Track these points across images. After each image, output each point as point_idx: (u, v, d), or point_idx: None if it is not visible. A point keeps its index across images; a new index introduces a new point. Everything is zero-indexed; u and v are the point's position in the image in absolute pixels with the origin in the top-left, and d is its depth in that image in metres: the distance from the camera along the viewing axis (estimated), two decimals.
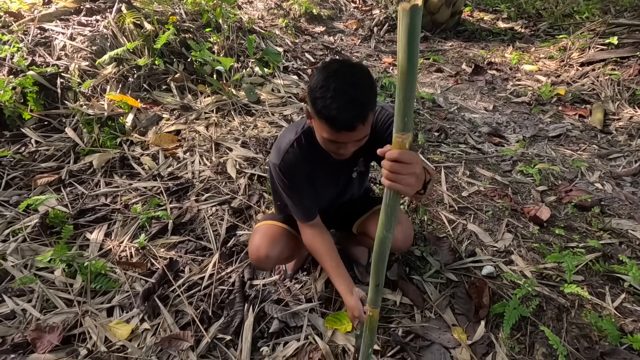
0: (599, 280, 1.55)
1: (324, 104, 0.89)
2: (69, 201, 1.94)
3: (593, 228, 1.81)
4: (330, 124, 0.91)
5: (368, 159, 1.30)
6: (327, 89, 0.88)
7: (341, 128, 0.91)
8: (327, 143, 1.00)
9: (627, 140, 2.63)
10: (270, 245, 1.30)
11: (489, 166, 2.30)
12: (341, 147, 0.99)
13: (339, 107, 0.87)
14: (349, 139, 0.95)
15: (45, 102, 2.43)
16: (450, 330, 1.37)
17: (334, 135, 0.94)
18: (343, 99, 0.87)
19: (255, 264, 1.38)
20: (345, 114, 0.88)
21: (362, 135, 0.96)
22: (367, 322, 0.92)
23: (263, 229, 1.37)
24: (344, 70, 0.91)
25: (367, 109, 0.91)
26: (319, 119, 0.93)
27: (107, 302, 1.49)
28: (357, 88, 0.89)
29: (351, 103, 0.88)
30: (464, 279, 1.56)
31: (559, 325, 1.37)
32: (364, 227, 1.39)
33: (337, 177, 1.30)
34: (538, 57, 4.12)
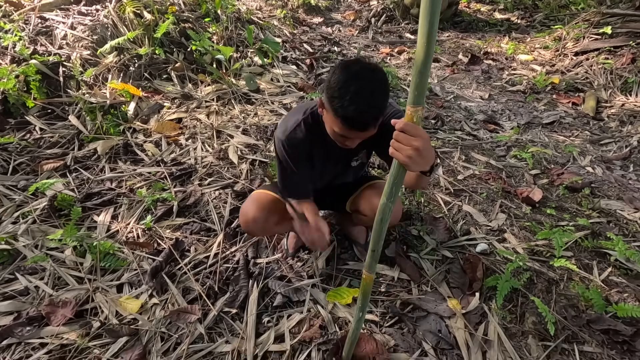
0: (588, 256, 1.62)
1: (342, 105, 0.94)
2: (75, 186, 1.99)
3: (583, 208, 1.88)
4: (343, 123, 0.98)
5: (371, 150, 1.37)
6: (346, 90, 0.93)
7: (353, 128, 0.99)
8: (335, 135, 1.07)
9: (618, 127, 2.70)
10: (257, 209, 1.37)
11: (484, 151, 2.36)
12: (348, 140, 1.07)
13: (355, 110, 0.93)
14: (358, 137, 1.04)
15: (48, 90, 2.46)
16: (445, 301, 1.44)
17: (344, 132, 1.01)
18: (361, 103, 0.93)
19: (244, 227, 1.44)
20: (360, 117, 0.95)
21: (371, 133, 1.04)
22: (361, 286, 0.98)
23: (254, 195, 1.45)
24: (364, 74, 0.95)
25: (381, 113, 0.98)
26: (334, 116, 0.99)
27: (117, 280, 1.55)
28: (375, 94, 0.95)
29: (368, 107, 0.94)
30: (459, 256, 1.63)
31: (548, 296, 1.45)
32: (356, 204, 1.46)
33: (336, 163, 1.37)
34: (533, 47, 4.17)
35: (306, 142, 1.22)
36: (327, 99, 1.00)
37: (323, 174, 1.40)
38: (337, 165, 1.38)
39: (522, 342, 1.31)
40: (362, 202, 1.43)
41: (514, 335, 1.33)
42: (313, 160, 1.30)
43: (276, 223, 1.44)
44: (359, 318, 1.05)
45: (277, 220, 1.43)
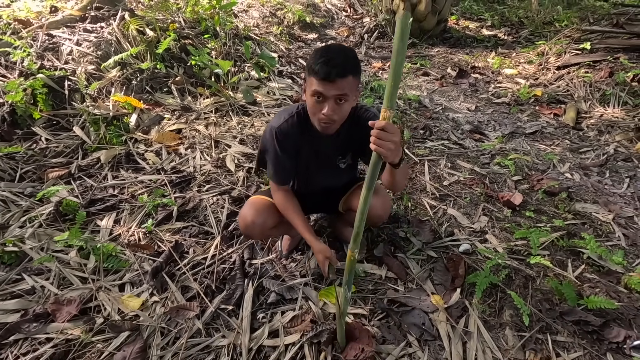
0: (563, 254, 1.73)
1: (314, 59, 1.12)
2: (80, 192, 2.08)
3: (560, 211, 1.99)
4: (315, 75, 1.11)
5: (356, 153, 1.49)
6: (319, 51, 1.15)
7: (322, 76, 1.10)
8: (313, 103, 1.18)
9: (596, 136, 2.85)
10: (256, 214, 1.47)
11: (469, 159, 2.49)
12: (323, 106, 1.15)
13: (323, 62, 1.10)
14: (328, 90, 1.12)
15: (54, 102, 2.58)
16: (429, 297, 1.54)
17: (316, 86, 1.12)
18: (327, 56, 1.10)
19: (243, 231, 1.54)
20: (326, 65, 1.09)
21: (340, 91, 1.13)
22: (347, 264, 1.09)
23: (252, 200, 1.54)
24: (335, 44, 1.21)
25: (347, 69, 1.11)
26: (309, 75, 1.15)
27: (119, 280, 1.63)
28: (340, 52, 1.14)
29: (333, 60, 1.10)
30: (443, 256, 1.73)
31: (525, 292, 1.55)
32: (349, 202, 1.57)
33: (324, 163, 1.47)
34: (518, 61, 4.37)
35: (297, 134, 1.34)
36: (306, 70, 1.18)
37: (312, 174, 1.51)
38: (325, 165, 1.48)
39: (499, 333, 1.41)
40: (355, 200, 1.53)
41: (493, 327, 1.43)
42: (302, 156, 1.42)
43: (273, 226, 1.54)
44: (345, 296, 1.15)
45: (274, 223, 1.53)
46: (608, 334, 1.35)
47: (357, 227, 0.99)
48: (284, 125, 1.33)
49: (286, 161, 1.38)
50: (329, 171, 1.52)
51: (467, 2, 6.92)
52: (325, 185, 1.60)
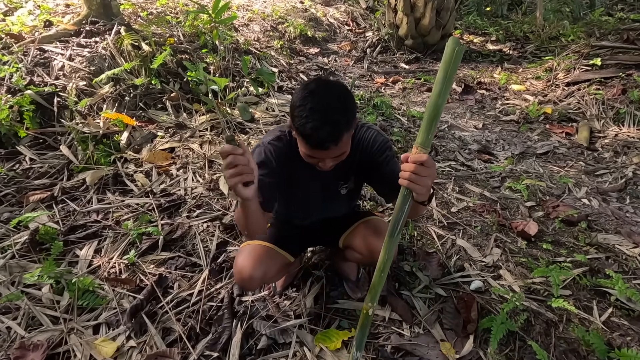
0: (587, 294, 1.56)
1: (300, 123, 0.95)
2: (60, 218, 1.94)
3: (580, 243, 1.83)
4: (305, 141, 0.98)
5: (361, 178, 1.33)
6: (303, 108, 0.94)
7: (314, 147, 0.98)
8: (306, 157, 1.06)
9: (612, 157, 2.69)
10: (254, 266, 1.26)
11: (478, 182, 2.34)
12: (319, 161, 1.05)
13: (313, 127, 0.93)
14: (324, 156, 1.02)
15: (42, 120, 2.47)
16: (438, 345, 1.37)
17: (309, 151, 1.01)
18: (316, 119, 0.93)
19: (240, 285, 1.37)
20: (318, 133, 0.94)
21: (338, 153, 1.02)
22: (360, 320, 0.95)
23: (248, 248, 1.33)
24: (320, 91, 0.96)
25: (341, 130, 0.95)
26: (297, 135, 1.02)
27: (94, 320, 1.47)
28: (331, 110, 0.94)
29: (323, 124, 0.93)
30: (453, 294, 1.57)
31: (547, 340, 1.37)
32: (349, 240, 1.41)
33: (323, 188, 1.31)
34: (525, 77, 4.25)
35: (288, 154, 1.17)
36: (290, 119, 1.01)
37: (312, 202, 1.35)
38: (324, 190, 1.31)
39: None
40: (357, 240, 1.37)
41: None
42: (298, 179, 1.25)
43: (273, 276, 1.38)
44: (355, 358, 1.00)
45: (276, 272, 1.37)
46: None
47: (377, 279, 0.86)
48: (276, 143, 1.18)
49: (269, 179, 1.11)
50: (330, 198, 1.36)
51: (471, 16, 6.86)
52: (325, 213, 1.44)
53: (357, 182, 1.36)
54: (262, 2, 5.85)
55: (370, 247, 1.32)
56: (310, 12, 5.93)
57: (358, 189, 1.43)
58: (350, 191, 1.36)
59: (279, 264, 1.37)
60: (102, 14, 3.22)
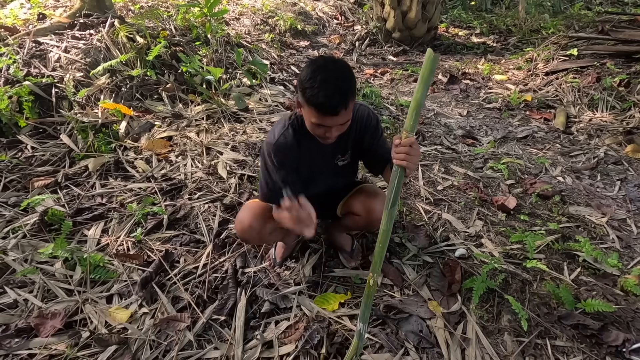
0: (558, 257, 1.72)
1: (312, 93, 1.06)
2: (66, 202, 2.02)
3: (554, 214, 1.99)
4: (317, 109, 1.09)
5: (356, 152, 1.44)
6: (314, 80, 1.06)
7: (326, 113, 1.08)
8: (314, 127, 1.17)
9: (586, 140, 2.88)
10: (253, 217, 1.41)
11: (462, 164, 2.49)
12: (327, 130, 1.15)
13: (325, 95, 1.05)
14: (333, 123, 1.12)
15: (41, 110, 2.52)
16: (426, 304, 1.51)
17: (320, 119, 1.11)
18: (328, 88, 1.05)
19: (240, 235, 1.49)
20: (330, 100, 1.06)
21: (345, 119, 1.13)
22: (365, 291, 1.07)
23: (249, 204, 1.49)
24: (328, 64, 1.10)
25: (348, 97, 1.09)
26: (308, 106, 1.11)
27: (106, 291, 1.57)
28: (340, 79, 1.08)
29: (335, 92, 1.06)
30: (439, 261, 1.71)
31: (522, 296, 1.53)
32: (347, 205, 1.54)
33: (324, 162, 1.42)
34: (508, 67, 4.43)
35: (294, 145, 1.29)
36: (300, 93, 1.12)
37: (312, 175, 1.44)
38: (324, 163, 1.42)
39: (498, 339, 1.38)
40: (355, 203, 1.51)
41: (491, 333, 1.40)
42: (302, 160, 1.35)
43: (271, 231, 1.48)
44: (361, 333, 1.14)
45: (272, 228, 1.47)
46: (607, 338, 1.34)
47: (379, 250, 1.00)
48: (281, 140, 1.28)
49: (291, 169, 1.31)
50: (329, 171, 1.47)
51: (456, 10, 7.04)
52: (325, 187, 1.54)
53: (353, 157, 1.47)
54: None
55: (367, 207, 1.46)
56: (300, 6, 6.01)
57: (354, 163, 1.53)
58: (347, 165, 1.47)
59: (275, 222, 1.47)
60: (95, 7, 3.27)
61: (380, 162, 1.39)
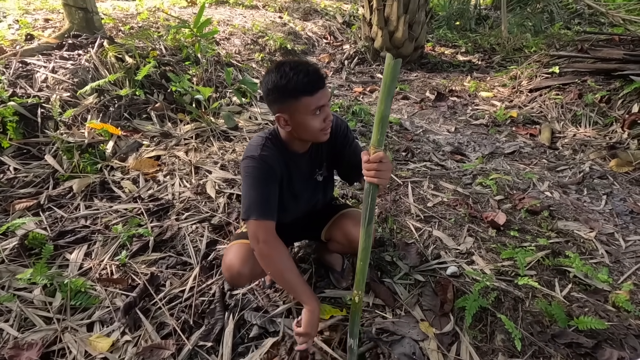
0: (549, 273, 1.71)
1: (296, 80, 1.07)
2: (48, 224, 1.96)
3: (543, 229, 2.00)
4: (307, 91, 1.08)
5: (331, 163, 1.43)
6: (285, 73, 1.08)
7: (316, 87, 1.09)
8: (313, 119, 1.14)
9: (571, 155, 2.94)
10: (241, 263, 1.32)
11: (451, 180, 2.51)
12: (325, 115, 1.16)
13: (305, 74, 1.08)
14: (324, 97, 1.13)
15: (25, 131, 2.48)
16: (418, 324, 1.48)
17: (315, 100, 1.10)
18: (302, 68, 1.08)
19: (229, 282, 1.44)
20: (312, 75, 1.08)
21: (329, 95, 1.16)
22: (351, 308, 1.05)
23: (235, 247, 1.38)
24: (283, 60, 1.16)
25: (321, 73, 1.12)
26: (296, 97, 1.10)
27: (87, 318, 1.51)
28: (302, 61, 1.14)
29: (309, 67, 1.10)
30: (431, 279, 1.69)
31: (515, 314, 1.51)
32: (330, 232, 1.52)
33: (303, 180, 1.39)
34: (493, 85, 4.54)
35: (275, 160, 1.25)
36: (280, 97, 1.12)
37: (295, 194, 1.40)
38: (305, 180, 1.40)
39: (492, 359, 1.35)
40: (336, 231, 1.48)
41: (485, 354, 1.37)
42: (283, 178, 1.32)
43: (261, 273, 1.40)
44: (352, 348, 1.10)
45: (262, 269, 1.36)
46: (601, 357, 1.32)
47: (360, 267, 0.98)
48: (266, 152, 1.23)
49: (271, 189, 1.24)
50: (310, 187, 1.44)
51: (441, 30, 7.25)
52: (307, 205, 1.50)
53: (329, 168, 1.46)
54: (242, 17, 6.01)
55: (348, 237, 1.43)
56: (289, 27, 6.13)
57: (330, 175, 1.50)
58: (325, 179, 1.46)
59: None
60: (85, 28, 3.28)
61: (354, 170, 1.33)
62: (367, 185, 0.95)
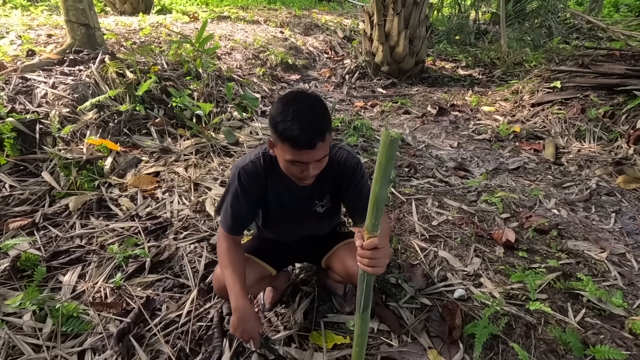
0: (561, 297, 1.65)
1: (286, 127, 1.00)
2: (42, 244, 1.91)
3: (552, 249, 1.94)
4: (292, 143, 1.01)
5: (335, 196, 1.34)
6: (287, 113, 1.00)
7: (303, 146, 1.01)
8: (290, 167, 1.08)
9: (577, 171, 2.89)
10: None
11: (455, 197, 2.45)
12: (304, 168, 1.07)
13: (300, 127, 0.99)
14: (310, 158, 1.04)
15: (23, 147, 2.45)
16: (426, 353, 1.41)
17: (296, 155, 1.03)
18: (303, 119, 0.99)
19: (219, 294, 1.38)
20: (305, 132, 0.99)
21: (322, 154, 1.06)
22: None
23: None
24: (300, 97, 1.05)
25: (325, 128, 1.03)
26: (282, 142, 1.03)
27: (79, 346, 1.44)
28: (314, 110, 1.03)
29: (310, 123, 1.00)
30: (438, 303, 1.62)
31: (527, 342, 1.44)
32: (330, 262, 1.45)
33: (299, 207, 1.32)
34: (494, 99, 4.53)
35: (262, 177, 1.23)
36: (272, 129, 1.05)
37: (290, 221, 1.35)
38: (302, 210, 1.33)
39: None
40: (336, 263, 1.41)
41: None
42: (269, 200, 1.28)
43: (252, 284, 1.37)
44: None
45: (254, 281, 1.38)
46: None
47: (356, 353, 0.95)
48: (250, 166, 1.22)
49: (244, 207, 1.24)
50: (308, 217, 1.36)
51: (441, 44, 7.31)
52: (305, 232, 1.45)
53: (333, 200, 1.37)
54: (243, 32, 6.06)
55: (348, 271, 1.36)
56: (290, 42, 6.17)
57: (336, 207, 1.42)
58: (327, 210, 1.37)
59: (258, 274, 1.38)
60: (87, 44, 3.28)
61: (354, 213, 1.30)
62: (361, 271, 0.84)
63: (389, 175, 0.68)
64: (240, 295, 1.17)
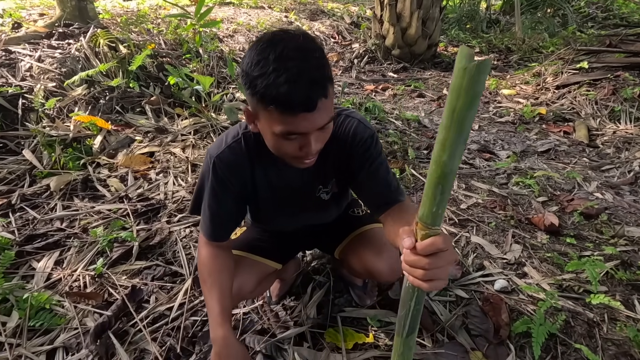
0: (624, 290, 1.38)
1: (268, 82, 0.65)
2: (17, 227, 1.67)
3: (604, 236, 1.67)
4: (281, 106, 0.67)
5: (342, 178, 1.01)
6: (266, 62, 0.65)
7: (297, 107, 0.67)
8: (281, 143, 0.75)
9: (615, 153, 2.61)
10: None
11: (483, 179, 2.19)
12: (302, 142, 0.74)
13: (288, 80, 0.64)
14: (309, 125, 0.70)
15: (4, 123, 2.22)
16: (468, 355, 1.15)
17: (289, 123, 0.69)
18: (291, 67, 0.64)
19: None
20: (298, 86, 0.65)
21: (325, 118, 0.72)
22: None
23: None
24: (280, 36, 0.68)
25: (325, 78, 0.68)
26: (265, 107, 0.69)
27: (49, 344, 1.20)
28: (305, 52, 0.67)
29: (303, 72, 0.65)
30: (476, 296, 1.36)
31: (592, 343, 1.18)
32: (345, 254, 1.18)
33: (299, 194, 1.02)
34: (514, 82, 4.24)
35: (245, 165, 0.92)
36: (248, 93, 0.70)
37: (285, 211, 1.06)
38: (303, 199, 1.03)
39: None
40: (353, 258, 1.14)
41: None
42: (258, 191, 0.99)
43: (256, 286, 1.12)
44: None
45: (254, 285, 1.11)
46: None
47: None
48: (227, 154, 0.90)
49: (225, 206, 0.95)
50: (311, 206, 1.06)
51: (453, 30, 7.00)
52: (309, 222, 1.15)
53: (340, 185, 1.05)
54: (246, 15, 5.80)
55: (367, 267, 1.09)
56: (296, 25, 5.91)
57: (343, 192, 1.12)
58: (334, 195, 1.06)
59: (259, 275, 1.12)
60: (77, 17, 3.04)
61: (377, 202, 0.93)
62: (409, 285, 0.57)
63: (466, 133, 0.38)
64: (219, 321, 0.89)
